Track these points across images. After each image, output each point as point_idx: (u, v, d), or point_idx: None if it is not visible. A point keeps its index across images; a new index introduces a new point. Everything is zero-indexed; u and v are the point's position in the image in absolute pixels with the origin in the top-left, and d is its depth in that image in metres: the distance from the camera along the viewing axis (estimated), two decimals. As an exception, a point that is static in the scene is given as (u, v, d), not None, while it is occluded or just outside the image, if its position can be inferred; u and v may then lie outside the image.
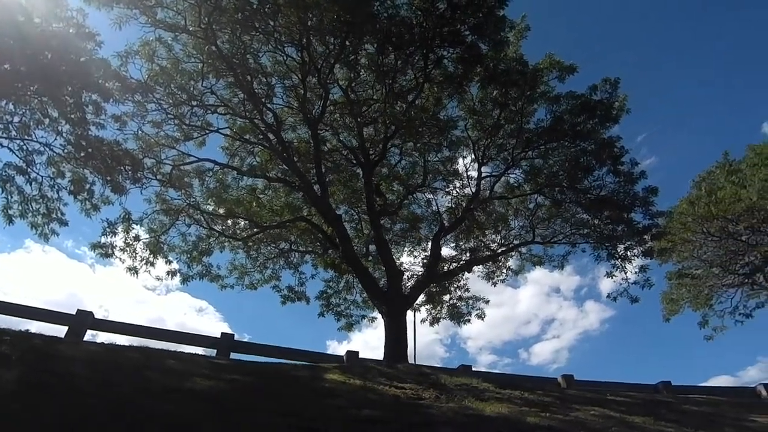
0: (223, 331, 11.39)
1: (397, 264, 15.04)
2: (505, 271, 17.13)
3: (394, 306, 12.09)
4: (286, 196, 15.33)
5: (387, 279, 13.23)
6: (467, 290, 16.96)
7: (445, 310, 16.94)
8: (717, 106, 66.66)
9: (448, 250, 16.64)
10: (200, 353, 10.44)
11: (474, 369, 12.42)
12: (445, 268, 15.88)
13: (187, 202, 13.64)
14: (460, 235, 16.35)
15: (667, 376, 17.24)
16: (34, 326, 10.32)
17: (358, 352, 11.59)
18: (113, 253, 12.81)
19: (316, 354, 11.88)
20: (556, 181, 14.64)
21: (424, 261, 15.78)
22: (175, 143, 13.51)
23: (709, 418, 9.30)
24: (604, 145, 14.00)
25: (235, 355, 10.70)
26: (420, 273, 15.62)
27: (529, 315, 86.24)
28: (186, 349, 10.57)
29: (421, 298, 15.83)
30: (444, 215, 15.73)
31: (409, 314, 13.93)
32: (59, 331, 9.51)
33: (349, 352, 11.55)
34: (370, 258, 15.44)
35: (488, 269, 16.84)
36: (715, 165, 19.30)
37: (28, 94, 10.23)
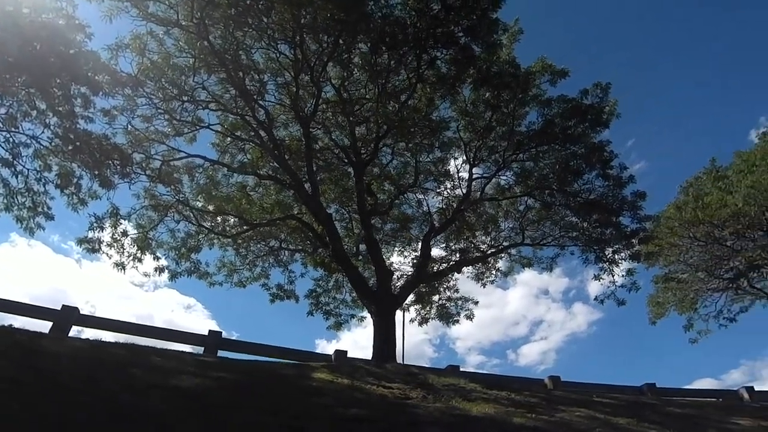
0: (211, 328, 11.31)
1: (387, 264, 15.05)
2: (494, 272, 17.23)
3: (383, 305, 12.09)
4: (276, 194, 15.25)
5: (376, 278, 13.23)
6: (456, 291, 17.06)
7: (434, 311, 16.99)
8: (707, 110, 67.57)
9: (438, 251, 16.71)
10: (187, 351, 10.37)
11: (462, 369, 12.51)
12: (435, 268, 15.92)
13: (177, 198, 13.49)
14: (450, 236, 16.40)
15: (652, 378, 17.41)
16: (18, 321, 10.19)
17: (346, 352, 11.59)
18: (100, 249, 12.65)
19: (305, 353, 11.85)
20: (546, 184, 14.75)
21: (414, 261, 15.81)
22: (165, 138, 13.37)
23: (692, 421, 9.44)
24: (594, 149, 14.13)
25: (222, 353, 10.63)
26: (410, 273, 15.64)
27: (518, 316, 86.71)
28: (173, 346, 10.47)
29: (411, 298, 15.85)
30: (434, 216, 15.78)
31: (398, 314, 13.93)
32: (44, 326, 9.39)
33: (337, 351, 11.54)
34: (360, 257, 15.42)
35: (478, 270, 16.91)
36: (702, 171, 19.59)
37: (16, 85, 10.07)
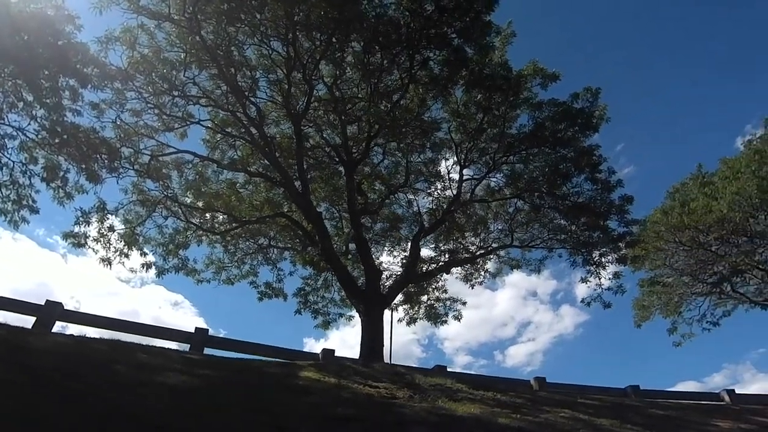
0: (198, 326, 11.22)
1: (377, 263, 15.06)
2: (483, 273, 17.29)
3: (372, 305, 12.09)
4: (266, 192, 15.18)
5: (365, 278, 13.23)
6: (445, 291, 17.11)
7: (422, 311, 17.02)
8: (696, 115, 68.57)
9: (428, 251, 16.75)
10: (173, 348, 10.28)
11: (449, 370, 12.54)
12: (424, 268, 15.96)
13: (165, 193, 13.35)
14: (440, 237, 16.44)
15: (637, 380, 17.73)
16: (0, 316, 10.00)
17: (334, 351, 11.58)
18: (86, 244, 12.48)
19: (292, 351, 11.82)
20: (536, 187, 14.85)
21: (403, 261, 15.83)
22: (155, 133, 13.23)
23: (674, 422, 9.59)
24: (583, 152, 14.26)
25: (209, 351, 10.56)
26: (398, 273, 15.66)
27: (506, 317, 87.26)
28: (159, 343, 10.38)
29: (399, 297, 15.87)
30: (424, 216, 15.81)
31: (387, 314, 13.93)
32: (26, 321, 9.26)
33: (324, 350, 11.53)
34: (349, 256, 15.41)
35: (466, 271, 16.97)
36: (689, 176, 19.86)
37: (2, 75, 9.91)
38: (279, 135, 14.84)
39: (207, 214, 14.79)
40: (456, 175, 15.17)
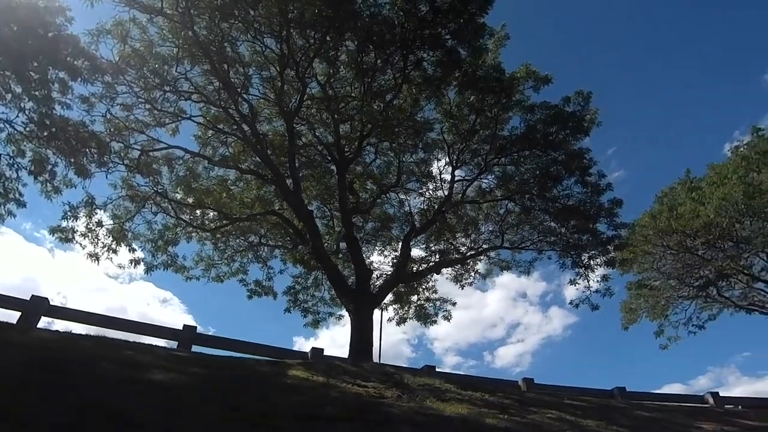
0: (186, 323, 11.14)
1: (367, 263, 15.05)
2: (473, 274, 17.39)
3: (361, 304, 12.09)
4: (257, 189, 15.11)
5: (356, 277, 13.22)
6: (435, 292, 17.18)
7: (412, 311, 17.07)
8: (687, 120, 69.40)
9: (418, 251, 16.79)
10: (161, 345, 10.18)
11: (438, 370, 12.57)
12: (415, 268, 16.00)
13: (155, 189, 13.24)
14: (431, 237, 16.49)
15: (623, 382, 17.92)
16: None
17: (323, 349, 11.56)
18: (74, 238, 12.33)
19: (281, 350, 11.77)
20: (527, 189, 14.93)
21: (394, 261, 15.85)
22: (145, 128, 13.09)
23: (659, 424, 9.71)
24: (574, 155, 14.36)
25: (197, 349, 10.49)
26: (389, 273, 15.68)
27: (496, 318, 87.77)
28: (147, 340, 10.29)
29: (389, 297, 15.89)
30: (416, 216, 15.86)
31: (376, 313, 13.95)
32: (11, 317, 9.13)
33: (314, 349, 11.50)
34: (340, 255, 15.39)
35: (457, 272, 17.04)
36: (677, 181, 20.15)
37: (-10, 67, 9.76)
38: (271, 132, 14.79)
39: (197, 211, 14.69)
40: (448, 176, 15.26)
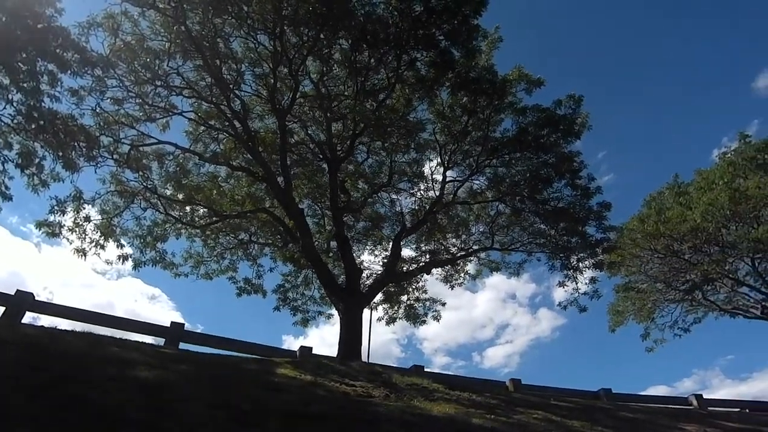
0: (175, 320, 11.01)
1: (358, 262, 15.06)
2: (463, 275, 17.47)
3: (351, 303, 12.09)
4: (248, 186, 15.04)
5: (345, 276, 13.21)
6: (425, 292, 17.23)
7: (402, 310, 17.09)
8: (677, 126, 70.21)
9: (409, 251, 16.83)
10: (148, 342, 10.11)
11: (427, 370, 12.60)
12: (405, 268, 16.02)
13: (144, 184, 13.12)
14: (422, 237, 16.54)
15: (610, 383, 18.04)
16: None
17: (311, 348, 11.52)
18: (60, 233, 12.21)
19: (269, 348, 11.71)
20: (517, 191, 15.02)
21: (384, 260, 15.86)
22: (136, 123, 12.97)
23: (643, 425, 9.82)
24: (564, 158, 14.46)
25: (185, 346, 10.41)
26: (379, 272, 15.69)
27: (485, 319, 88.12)
28: (134, 337, 10.19)
29: (379, 297, 15.91)
30: (407, 216, 15.89)
31: (366, 312, 13.95)
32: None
33: (302, 348, 11.46)
34: (330, 254, 15.38)
35: (447, 272, 17.11)
36: (665, 186, 20.43)
37: (-23, 57, 9.59)
38: (263, 130, 14.72)
39: (187, 207, 14.59)
40: (439, 177, 15.30)
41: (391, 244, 15.06)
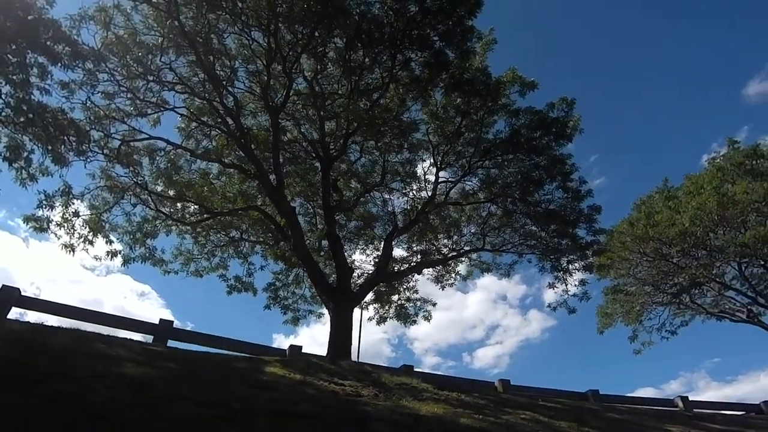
0: (164, 317, 10.89)
1: (349, 261, 15.04)
2: (454, 275, 17.54)
3: (341, 302, 12.07)
4: (240, 184, 14.96)
5: (337, 275, 13.19)
6: (416, 292, 17.27)
7: (392, 310, 17.11)
8: (668, 131, 70.93)
9: (400, 251, 16.86)
10: (136, 339, 10.01)
11: (417, 370, 12.62)
12: (396, 268, 16.04)
13: (135, 180, 12.98)
14: (413, 237, 16.57)
15: (598, 385, 18.24)
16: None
17: (301, 347, 11.47)
18: (48, 228, 12.04)
19: (259, 346, 11.65)
20: (509, 192, 15.11)
21: (376, 260, 15.87)
22: (127, 118, 12.81)
23: (630, 426, 9.91)
24: (556, 161, 14.57)
25: (173, 344, 10.33)
26: (370, 271, 15.69)
27: (476, 320, 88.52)
28: (121, 334, 10.09)
29: (370, 296, 15.92)
30: (399, 216, 15.93)
31: (357, 312, 13.94)
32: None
33: (292, 346, 11.41)
34: (322, 253, 15.35)
35: (438, 272, 17.16)
36: (655, 190, 20.65)
37: (-35, 48, 9.44)
38: (256, 127, 14.65)
39: (178, 204, 14.46)
40: (432, 177, 15.34)
41: (382, 243, 15.07)
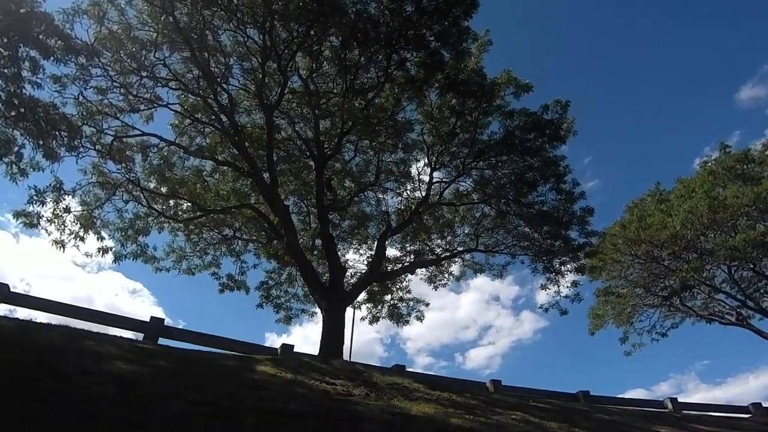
0: (156, 315, 10.78)
1: (342, 261, 15.01)
2: (447, 275, 17.54)
3: (334, 301, 12.05)
4: (233, 182, 14.87)
5: (329, 274, 13.17)
6: (409, 292, 17.23)
7: (385, 310, 17.09)
8: (661, 134, 71.45)
9: (394, 251, 16.85)
10: (127, 337, 9.94)
11: (409, 370, 12.63)
12: (389, 268, 16.03)
13: (127, 176, 12.86)
14: (407, 237, 16.56)
15: (589, 386, 18.27)
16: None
17: (293, 346, 11.45)
18: (39, 224, 11.93)
19: (251, 345, 11.60)
20: (503, 193, 15.15)
21: (369, 259, 15.85)
22: (120, 113, 12.69)
23: (618, 427, 9.99)
24: (550, 163, 14.62)
25: (164, 342, 10.27)
26: (363, 271, 15.67)
27: (469, 320, 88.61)
28: (112, 331, 10.02)
29: (363, 296, 15.91)
30: (392, 216, 15.89)
31: (349, 311, 13.93)
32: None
33: (284, 345, 11.38)
34: (315, 252, 15.31)
35: (431, 273, 17.17)
36: (647, 193, 20.81)
37: (-45, 41, 9.32)
38: (250, 125, 14.58)
39: (170, 201, 14.37)
40: (426, 177, 15.33)
41: (376, 243, 15.06)
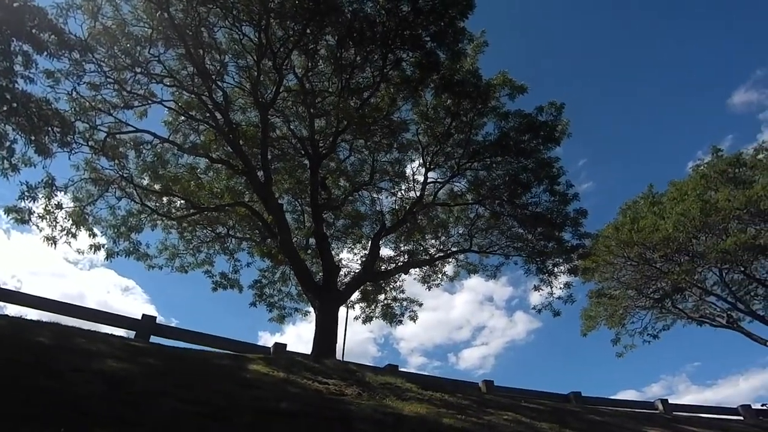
0: (148, 313, 10.73)
1: (336, 260, 15.01)
2: (441, 276, 17.57)
3: (327, 300, 12.04)
4: (227, 180, 14.83)
5: (323, 273, 13.16)
6: (402, 292, 17.26)
7: (379, 310, 17.10)
8: (656, 137, 71.96)
9: (388, 251, 16.85)
10: (118, 334, 9.88)
11: (402, 370, 12.63)
12: (383, 267, 16.04)
13: (120, 173, 12.80)
14: (401, 237, 16.58)
15: (581, 387, 18.44)
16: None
17: (286, 345, 11.42)
18: (30, 220, 11.82)
19: (243, 344, 11.56)
20: (497, 194, 15.20)
21: (363, 259, 15.85)
22: (113, 109, 12.60)
23: (609, 428, 10.04)
24: (544, 164, 14.69)
25: (156, 340, 10.21)
26: (357, 270, 15.67)
27: (462, 321, 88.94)
28: (103, 329, 9.96)
29: (356, 295, 15.91)
30: (387, 216, 15.91)
31: (342, 310, 13.92)
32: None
33: (276, 344, 11.35)
34: (309, 251, 15.30)
35: (425, 273, 17.20)
36: (640, 195, 20.95)
37: (-53, 34, 9.22)
38: (244, 123, 14.51)
39: (164, 198, 14.30)
40: (420, 177, 15.36)
41: (370, 242, 15.07)
